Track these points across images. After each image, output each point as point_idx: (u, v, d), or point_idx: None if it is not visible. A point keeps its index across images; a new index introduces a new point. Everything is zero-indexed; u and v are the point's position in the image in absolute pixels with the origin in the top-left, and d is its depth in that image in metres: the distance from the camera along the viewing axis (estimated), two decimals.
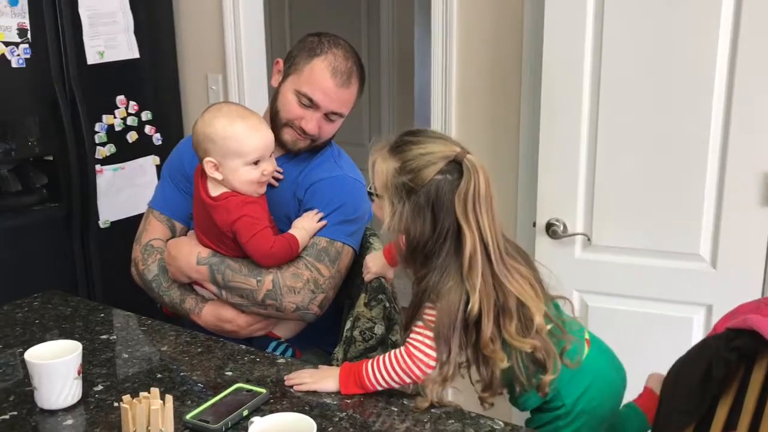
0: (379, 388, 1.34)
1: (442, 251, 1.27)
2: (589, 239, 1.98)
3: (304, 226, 1.67)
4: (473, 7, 2.29)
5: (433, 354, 1.29)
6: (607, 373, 1.42)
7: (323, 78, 1.66)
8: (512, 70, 2.26)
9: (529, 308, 1.28)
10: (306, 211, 1.72)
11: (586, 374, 1.37)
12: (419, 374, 1.30)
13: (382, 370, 1.32)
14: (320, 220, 1.69)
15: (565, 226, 1.98)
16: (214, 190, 1.63)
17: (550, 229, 1.99)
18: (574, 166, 1.95)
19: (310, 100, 1.67)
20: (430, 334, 1.28)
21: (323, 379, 1.37)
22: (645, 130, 1.86)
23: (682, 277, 1.90)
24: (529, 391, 1.35)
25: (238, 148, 1.58)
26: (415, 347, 1.30)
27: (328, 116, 1.70)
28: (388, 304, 1.63)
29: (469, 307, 1.25)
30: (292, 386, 1.37)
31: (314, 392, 1.35)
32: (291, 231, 1.66)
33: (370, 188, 1.37)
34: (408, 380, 1.31)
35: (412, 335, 1.31)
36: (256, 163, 1.60)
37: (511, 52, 2.25)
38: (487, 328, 1.26)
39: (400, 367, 1.30)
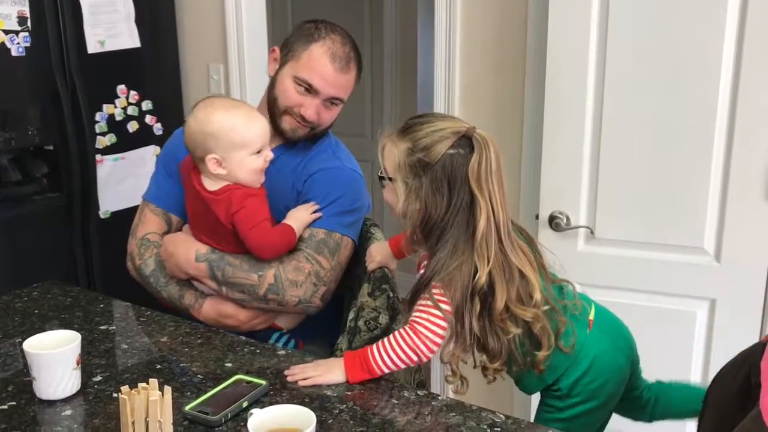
0: (387, 371, 1.33)
1: (453, 225, 1.29)
2: (592, 232, 1.96)
3: (299, 217, 1.66)
4: (477, 0, 2.27)
5: (439, 331, 1.30)
6: (610, 355, 1.41)
7: (322, 63, 1.64)
8: (516, 62, 2.25)
9: (530, 281, 1.30)
10: (304, 202, 1.70)
11: (584, 357, 1.38)
12: (425, 351, 1.30)
13: (389, 351, 1.31)
14: (315, 211, 1.68)
15: (568, 219, 1.97)
16: (213, 185, 1.61)
17: (553, 221, 1.98)
18: (577, 159, 1.93)
19: (309, 85, 1.65)
20: (436, 312, 1.29)
21: (328, 372, 1.35)
22: (649, 122, 1.84)
23: (685, 271, 1.89)
24: (525, 371, 1.36)
25: (242, 139, 1.56)
26: (420, 323, 1.30)
27: (327, 102, 1.69)
28: (391, 294, 1.63)
29: (477, 277, 1.28)
30: (296, 382, 1.35)
31: (315, 385, 1.34)
32: (286, 221, 1.65)
33: (380, 173, 1.38)
34: (415, 358, 1.31)
35: (416, 313, 1.31)
36: (259, 151, 1.60)
37: (515, 45, 2.24)
38: (501, 297, 1.28)
39: (407, 344, 1.30)
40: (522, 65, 2.23)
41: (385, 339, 1.33)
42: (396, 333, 1.33)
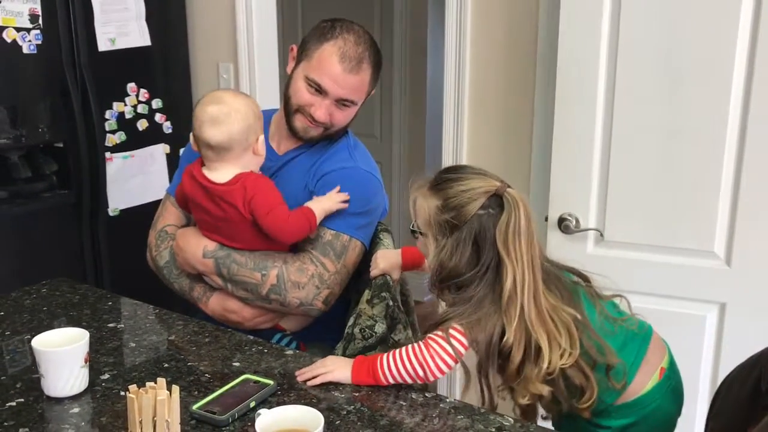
0: (391, 381, 1.32)
1: (480, 282, 1.29)
2: (601, 234, 1.95)
3: (323, 201, 1.65)
4: (488, 0, 2.27)
5: (452, 352, 1.28)
6: (669, 411, 1.41)
7: (331, 63, 1.62)
8: (526, 63, 2.24)
9: (542, 353, 1.27)
10: None
11: (641, 406, 1.37)
12: (434, 369, 1.29)
13: (398, 361, 1.31)
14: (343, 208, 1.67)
15: (577, 221, 1.96)
16: (223, 177, 1.60)
17: (563, 223, 1.97)
18: (587, 161, 1.92)
19: (319, 86, 1.64)
20: (449, 348, 1.28)
21: (337, 369, 1.35)
22: (660, 124, 1.83)
23: (695, 275, 1.88)
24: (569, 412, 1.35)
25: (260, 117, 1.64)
26: (435, 341, 1.29)
27: (339, 103, 1.67)
28: (391, 303, 1.60)
29: (505, 338, 1.27)
30: (305, 381, 1.35)
31: (323, 385, 1.34)
32: (308, 204, 1.64)
33: (413, 227, 1.39)
34: (422, 374, 1.30)
35: (432, 334, 1.31)
36: None
37: (526, 45, 2.23)
38: (515, 360, 1.27)
39: (417, 358, 1.29)
40: (532, 66, 2.22)
41: (398, 349, 1.32)
42: (409, 346, 1.32)
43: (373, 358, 1.34)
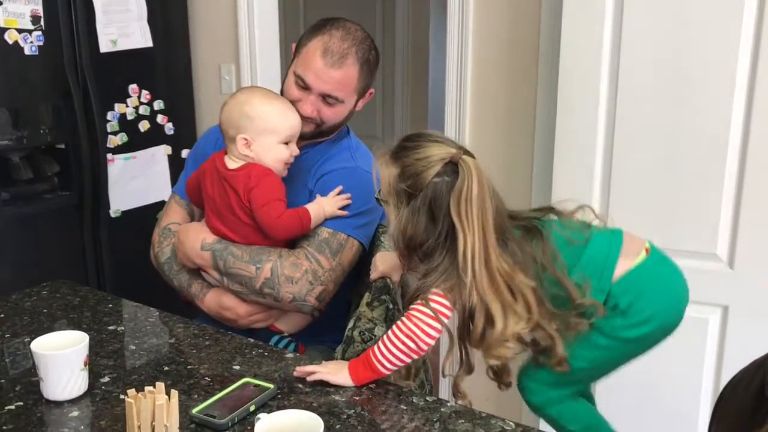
0: (390, 366, 1.32)
1: (442, 250, 1.30)
2: None
3: (322, 204, 1.66)
4: (490, 1, 2.26)
5: (434, 315, 1.29)
6: (672, 283, 1.44)
7: (313, 58, 1.64)
8: (528, 62, 2.23)
9: (495, 322, 1.28)
10: None
11: (634, 279, 1.37)
12: (422, 336, 1.29)
13: (387, 344, 1.31)
14: (343, 208, 1.68)
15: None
16: (234, 165, 1.65)
17: None
18: (589, 161, 1.92)
19: (304, 81, 1.66)
20: (430, 312, 1.29)
21: (337, 372, 1.35)
22: (663, 125, 1.82)
23: (698, 277, 1.85)
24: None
25: (274, 125, 1.62)
26: (416, 309, 1.30)
27: (325, 99, 1.68)
28: (391, 306, 1.59)
29: (470, 302, 1.28)
30: (303, 377, 1.34)
31: (323, 389, 1.33)
32: (308, 205, 1.65)
33: (378, 195, 1.40)
34: (413, 346, 1.29)
35: (412, 307, 1.31)
36: (287, 143, 1.64)
37: (528, 44, 2.22)
38: (478, 325, 1.29)
39: (403, 333, 1.30)
40: (534, 67, 2.22)
41: (384, 334, 1.33)
42: (393, 326, 1.33)
43: (365, 353, 1.34)
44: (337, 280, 1.69)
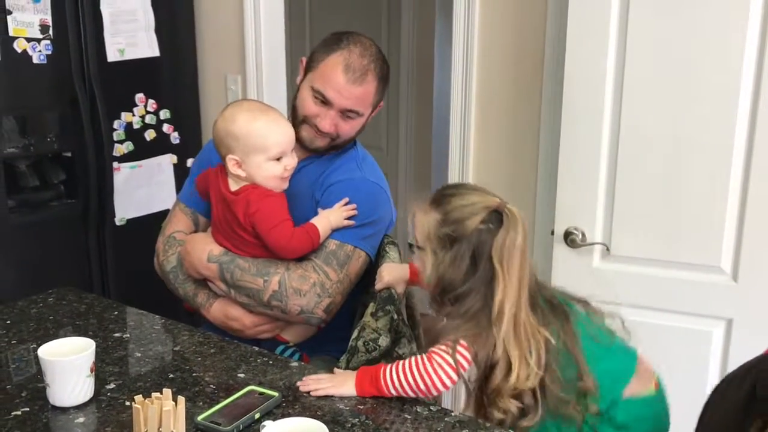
0: (393, 392, 1.32)
1: (476, 295, 1.30)
2: (607, 249, 1.95)
3: (329, 217, 1.66)
4: (495, 13, 2.27)
5: (455, 366, 1.28)
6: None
7: (335, 74, 1.64)
8: (533, 77, 2.24)
9: (513, 368, 1.28)
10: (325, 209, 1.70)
11: (636, 407, 1.38)
12: (437, 382, 1.29)
13: (400, 372, 1.31)
14: (349, 219, 1.67)
15: (583, 235, 1.96)
16: (235, 186, 1.63)
17: (569, 237, 1.96)
18: (594, 175, 1.92)
19: (324, 96, 1.65)
20: (452, 362, 1.29)
21: (342, 384, 1.35)
22: (667, 139, 1.83)
23: (702, 290, 1.87)
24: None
25: (261, 143, 1.58)
26: (439, 355, 1.29)
27: (344, 114, 1.68)
28: (395, 316, 1.59)
29: (496, 355, 1.28)
30: (308, 392, 1.35)
31: (327, 397, 1.34)
32: (313, 220, 1.65)
33: (410, 241, 1.40)
34: (423, 387, 1.29)
35: (436, 347, 1.31)
36: (278, 158, 1.60)
37: (533, 59, 2.23)
38: (498, 375, 1.29)
39: (419, 371, 1.29)
40: (539, 80, 2.23)
41: (401, 361, 1.33)
42: (413, 357, 1.32)
43: (376, 368, 1.34)
44: (345, 291, 1.69)
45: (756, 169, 1.76)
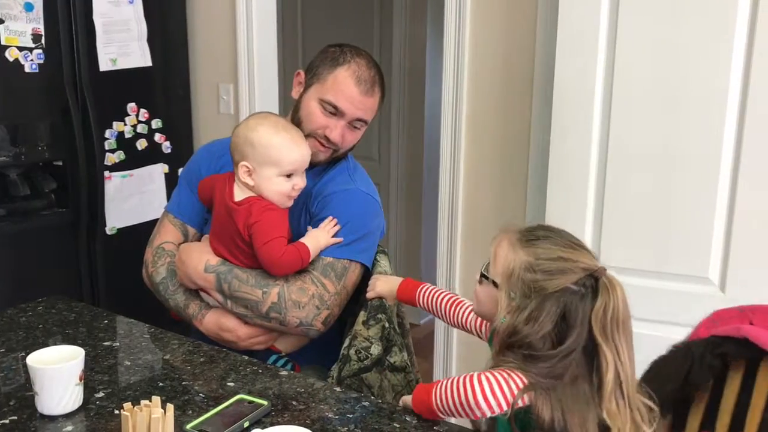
0: (440, 406, 1.21)
1: (564, 361, 1.18)
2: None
3: (318, 237, 1.66)
4: (486, 25, 2.29)
5: (506, 391, 1.16)
6: None
7: (347, 86, 1.67)
8: (523, 89, 2.26)
9: None
10: (318, 222, 1.71)
11: None
12: (480, 399, 1.15)
13: (451, 384, 1.20)
14: (336, 234, 1.68)
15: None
16: (240, 195, 1.64)
17: None
18: (583, 186, 1.93)
19: (336, 107, 1.67)
20: (503, 384, 1.17)
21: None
22: (656, 150, 1.85)
23: (689, 301, 1.88)
24: None
25: (277, 157, 1.60)
26: (491, 374, 1.18)
27: (352, 124, 1.71)
28: (387, 325, 1.60)
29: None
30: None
31: (317, 405, 1.34)
32: (303, 240, 1.65)
33: (484, 270, 1.29)
34: (465, 401, 1.17)
35: (493, 369, 1.20)
36: (289, 176, 1.62)
37: (523, 71, 2.25)
38: None
39: (465, 384, 1.17)
40: (529, 91, 2.25)
41: (456, 377, 1.22)
42: (468, 373, 1.20)
43: (431, 384, 1.25)
44: (342, 303, 1.69)
45: (743, 181, 1.77)
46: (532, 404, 1.18)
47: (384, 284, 1.66)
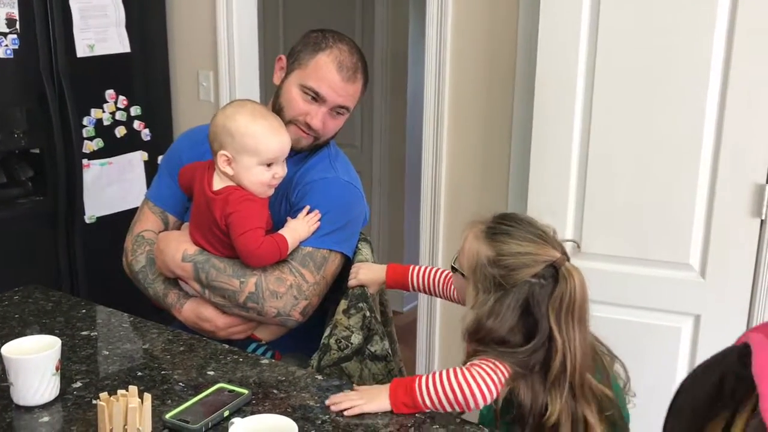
0: (429, 404, 1.24)
1: (540, 356, 1.23)
2: (578, 246, 1.96)
3: (297, 228, 1.64)
4: (468, 9, 2.28)
5: (496, 382, 1.21)
6: None
7: (329, 72, 1.64)
8: (506, 74, 2.25)
9: (591, 426, 1.24)
10: (298, 211, 1.69)
11: None
12: (477, 394, 1.21)
13: (437, 382, 1.23)
14: (324, 222, 1.66)
15: (554, 233, 1.96)
16: (218, 184, 1.62)
17: None
18: (565, 173, 1.93)
19: (317, 93, 1.65)
20: (494, 376, 1.22)
21: (374, 398, 1.27)
22: (637, 138, 1.85)
23: (671, 287, 1.89)
24: None
25: (255, 146, 1.57)
26: (480, 367, 1.22)
27: (334, 111, 1.69)
28: (368, 314, 1.59)
29: (548, 414, 1.22)
30: (340, 412, 1.26)
31: (298, 394, 1.33)
32: (282, 231, 1.63)
33: (454, 263, 1.33)
34: (461, 398, 1.22)
35: (477, 361, 1.24)
36: (269, 165, 1.59)
37: (505, 56, 2.25)
38: None
39: (457, 380, 1.22)
40: (511, 78, 2.24)
41: (438, 372, 1.25)
42: (451, 369, 1.24)
43: (411, 380, 1.27)
44: (321, 293, 1.67)
45: (723, 168, 1.78)
46: (513, 390, 1.22)
47: (367, 272, 1.65)
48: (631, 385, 1.49)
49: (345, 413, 1.26)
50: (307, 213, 1.66)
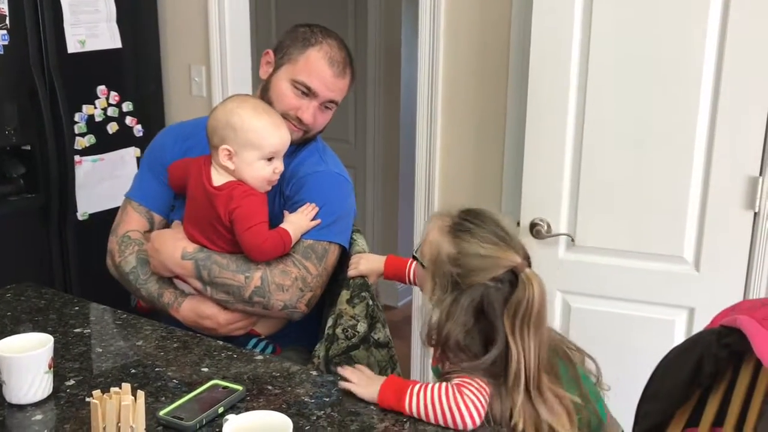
0: (414, 413, 1.24)
1: (502, 365, 1.22)
2: (572, 240, 1.97)
3: (296, 221, 1.65)
4: (461, 3, 2.27)
5: (484, 403, 1.21)
6: None
7: (320, 67, 1.66)
8: (499, 68, 2.25)
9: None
10: (293, 205, 1.69)
11: None
12: (466, 416, 1.19)
13: (428, 397, 1.22)
14: (314, 217, 1.66)
15: (549, 226, 1.97)
16: (218, 180, 1.62)
17: (534, 228, 1.97)
18: (559, 166, 1.93)
19: (308, 88, 1.66)
20: (482, 398, 1.21)
21: (367, 386, 1.29)
22: (631, 131, 1.85)
23: (665, 280, 1.90)
24: None
25: (258, 141, 1.58)
26: (468, 389, 1.21)
27: (324, 105, 1.70)
28: (371, 302, 1.61)
29: (513, 421, 1.21)
30: (342, 379, 1.31)
31: (292, 389, 1.33)
32: (284, 225, 1.63)
33: (416, 252, 1.33)
34: (450, 420, 1.20)
35: (467, 380, 1.22)
36: (269, 160, 1.60)
37: (498, 50, 2.24)
38: None
39: (448, 401, 1.20)
40: (505, 71, 2.24)
41: (431, 385, 1.24)
42: (442, 385, 1.23)
43: (405, 384, 1.27)
44: (323, 284, 1.69)
45: (717, 161, 1.78)
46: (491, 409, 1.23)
47: (367, 263, 1.67)
48: (624, 378, 1.49)
49: (339, 384, 1.32)
50: (307, 207, 1.67)
